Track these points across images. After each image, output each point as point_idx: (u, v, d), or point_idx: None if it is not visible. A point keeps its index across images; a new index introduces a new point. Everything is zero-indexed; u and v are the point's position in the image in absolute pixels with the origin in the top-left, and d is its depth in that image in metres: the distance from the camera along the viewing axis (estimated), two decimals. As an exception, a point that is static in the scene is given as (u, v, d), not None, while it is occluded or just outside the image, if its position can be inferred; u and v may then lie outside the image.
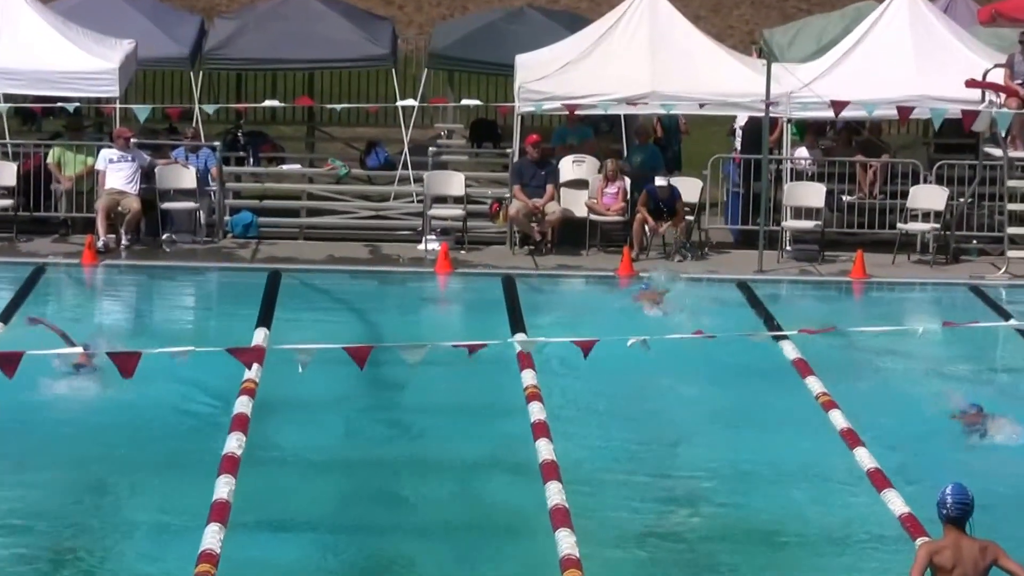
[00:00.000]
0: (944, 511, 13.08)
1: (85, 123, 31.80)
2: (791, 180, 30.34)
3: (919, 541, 16.07)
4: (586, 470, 19.63)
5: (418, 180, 31.25)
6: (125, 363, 16.13)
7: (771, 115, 29.37)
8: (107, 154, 29.46)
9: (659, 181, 29.93)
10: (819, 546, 17.95)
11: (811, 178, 30.45)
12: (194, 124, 31.81)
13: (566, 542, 16.73)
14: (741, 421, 21.74)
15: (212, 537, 16.66)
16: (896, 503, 18.17)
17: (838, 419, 20.90)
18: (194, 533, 16.88)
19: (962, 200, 30.21)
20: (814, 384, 22.20)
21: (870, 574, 17.04)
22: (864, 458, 19.60)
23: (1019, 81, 29.29)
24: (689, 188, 30.23)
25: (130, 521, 18.37)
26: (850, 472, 19.36)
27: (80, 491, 19.50)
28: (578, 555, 16.39)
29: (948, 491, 13.16)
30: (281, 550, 17.42)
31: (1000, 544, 13.26)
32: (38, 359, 19.11)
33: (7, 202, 30.01)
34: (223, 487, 18.10)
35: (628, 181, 30.07)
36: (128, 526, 18.24)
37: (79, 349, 21.61)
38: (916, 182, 30.28)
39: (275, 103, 32.36)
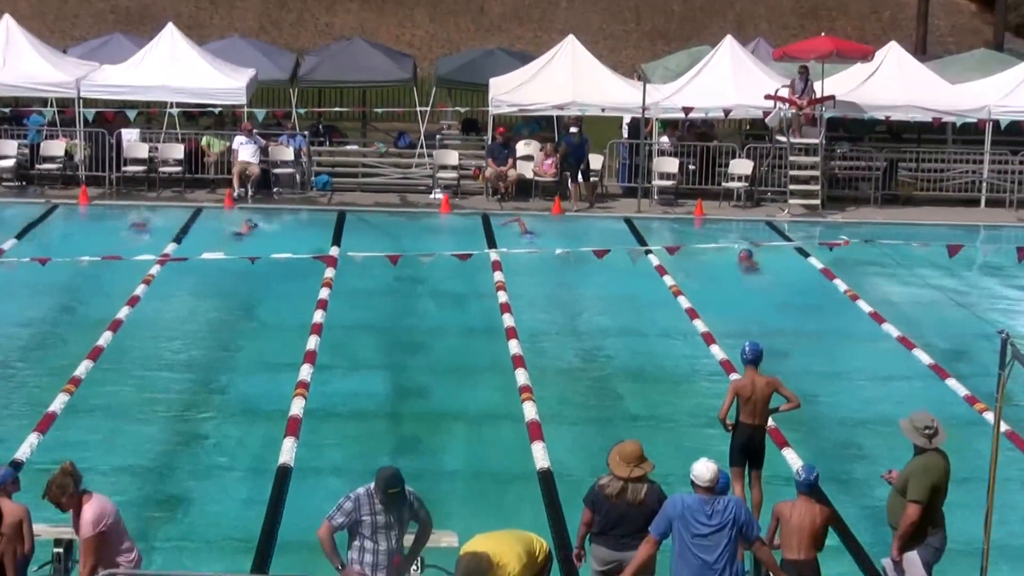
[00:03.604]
0: (743, 356, 13.23)
1: (224, 120, 31.85)
2: (658, 156, 30.04)
3: (732, 377, 16.26)
4: (533, 333, 19.63)
5: (429, 155, 31.03)
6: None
7: (645, 116, 29.14)
8: (239, 139, 29.20)
9: (572, 129, 29.34)
10: (673, 379, 17.98)
11: (670, 155, 30.19)
12: (292, 121, 31.68)
13: (522, 376, 17.07)
14: (626, 302, 21.67)
15: (306, 374, 16.99)
16: (719, 352, 18.42)
17: (683, 302, 21.07)
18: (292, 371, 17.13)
19: (763, 168, 30.20)
20: (668, 279, 22.34)
21: (703, 394, 17.11)
22: (698, 325, 19.79)
23: (797, 95, 29.10)
24: (595, 160, 30.04)
25: (244, 362, 18.46)
26: (695, 339, 19.41)
27: (206, 334, 19.65)
28: (530, 384, 16.75)
29: (746, 344, 13.32)
30: (335, 382, 17.40)
31: (782, 378, 13.46)
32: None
33: (178, 168, 29.78)
34: (311, 343, 18.28)
35: (558, 156, 29.75)
36: (239, 365, 18.35)
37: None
38: (734, 157, 30.10)
39: (342, 108, 33.07)
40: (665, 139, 30.49)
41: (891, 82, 29.88)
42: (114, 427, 15.61)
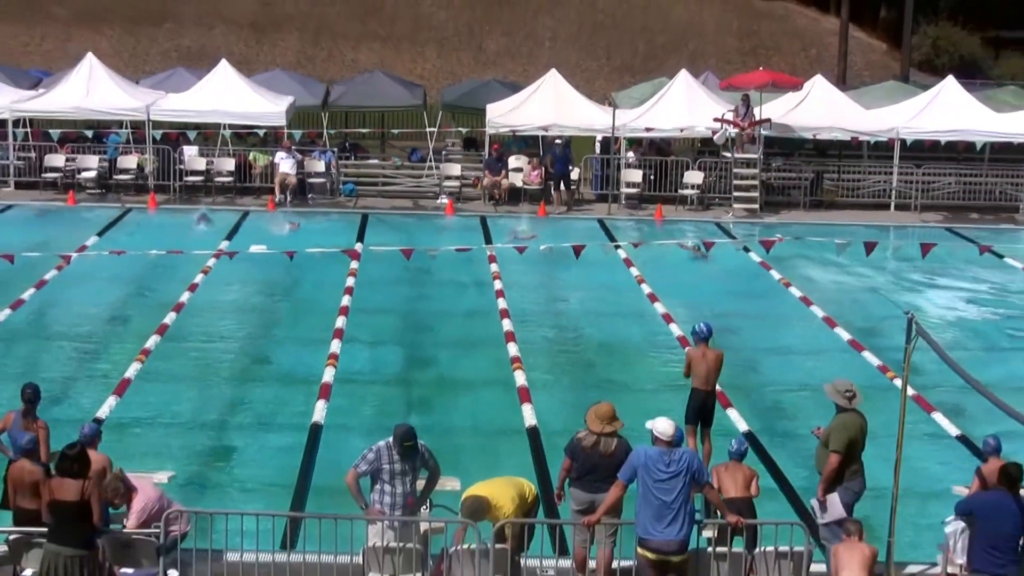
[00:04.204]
0: (698, 333, 13.09)
1: (267, 139, 31.58)
2: (625, 168, 29.72)
3: (687, 349, 16.02)
4: (522, 314, 19.50)
5: (437, 167, 30.81)
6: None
7: (615, 135, 29.02)
8: (280, 154, 28.96)
9: (557, 141, 28.79)
10: (638, 352, 17.84)
11: (635, 167, 29.91)
12: (323, 139, 31.49)
13: (513, 349, 16.95)
14: (599, 288, 21.44)
15: (335, 347, 16.86)
16: (676, 329, 18.19)
17: (646, 288, 20.75)
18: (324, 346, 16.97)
19: (711, 178, 29.89)
20: (633, 270, 22.16)
21: (663, 364, 16.99)
22: (659, 308, 19.61)
23: (740, 118, 28.83)
24: (573, 171, 29.62)
25: (284, 337, 18.32)
26: (656, 319, 19.17)
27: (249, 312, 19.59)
28: (520, 356, 16.61)
29: (701, 323, 13.18)
30: (360, 354, 17.25)
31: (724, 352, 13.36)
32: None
33: (229, 178, 29.55)
34: (339, 322, 18.18)
35: (543, 168, 29.60)
36: (280, 340, 18.19)
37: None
38: (688, 169, 29.86)
39: (364, 129, 32.57)
40: (631, 154, 30.22)
41: (817, 108, 29.69)
42: (176, 390, 15.63)
